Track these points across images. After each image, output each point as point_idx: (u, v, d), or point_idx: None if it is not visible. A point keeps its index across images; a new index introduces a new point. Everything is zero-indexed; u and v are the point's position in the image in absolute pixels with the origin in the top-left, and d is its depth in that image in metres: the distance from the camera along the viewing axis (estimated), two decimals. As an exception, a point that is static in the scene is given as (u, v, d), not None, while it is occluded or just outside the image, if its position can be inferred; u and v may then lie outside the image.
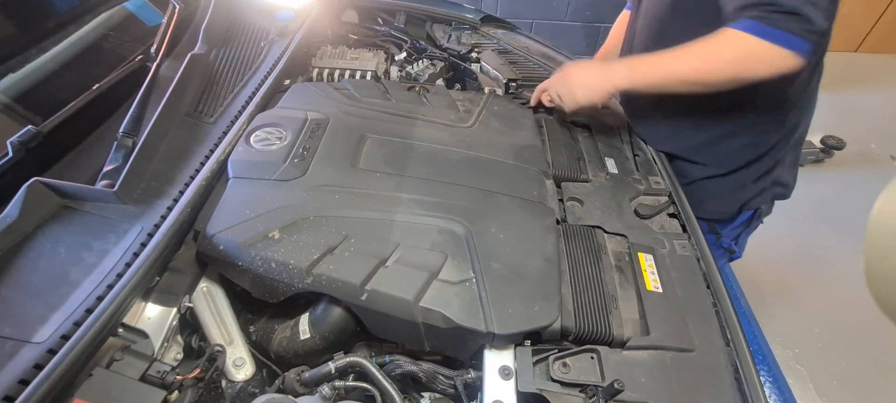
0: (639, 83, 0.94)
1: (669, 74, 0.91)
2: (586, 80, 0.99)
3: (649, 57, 0.94)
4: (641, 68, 0.95)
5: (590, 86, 0.99)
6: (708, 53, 0.87)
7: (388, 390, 0.68)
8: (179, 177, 0.87)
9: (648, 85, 0.94)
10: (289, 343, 0.79)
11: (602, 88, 0.98)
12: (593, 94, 0.99)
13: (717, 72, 0.86)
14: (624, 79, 0.96)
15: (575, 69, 1.01)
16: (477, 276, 0.78)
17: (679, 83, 0.92)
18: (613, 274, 0.87)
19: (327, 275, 0.75)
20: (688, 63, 0.89)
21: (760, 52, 0.80)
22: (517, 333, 0.73)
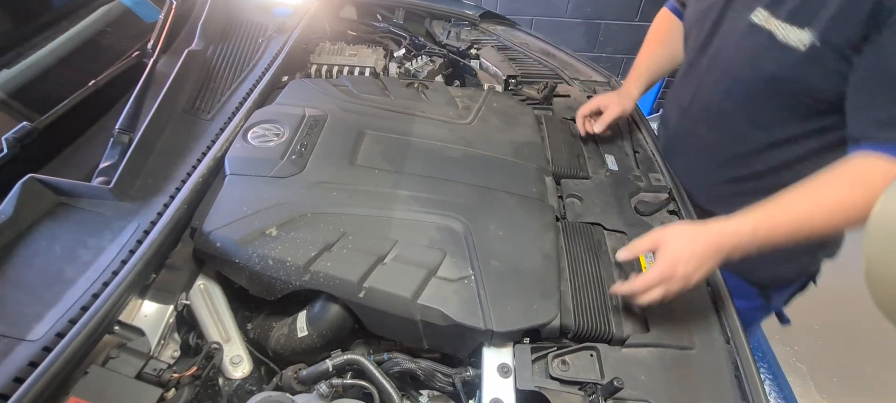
0: (763, 247, 0.71)
1: (802, 234, 0.71)
2: (699, 262, 0.70)
3: (771, 211, 0.72)
4: (767, 231, 0.70)
5: (705, 267, 0.70)
6: (852, 202, 0.69)
7: (386, 388, 0.67)
8: (176, 173, 0.87)
9: (774, 246, 0.72)
10: (286, 341, 0.79)
11: (718, 262, 0.71)
12: (710, 270, 0.72)
13: (861, 220, 0.63)
14: (745, 248, 0.71)
15: (675, 248, 0.70)
16: (476, 274, 0.78)
17: (811, 238, 0.73)
18: (613, 272, 0.86)
19: (325, 273, 0.74)
20: (827, 217, 0.71)
21: None
22: (516, 331, 0.73)
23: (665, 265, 0.69)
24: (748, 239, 0.70)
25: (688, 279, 0.69)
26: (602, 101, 1.14)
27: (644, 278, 0.71)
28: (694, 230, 0.71)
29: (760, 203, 0.72)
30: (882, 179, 0.69)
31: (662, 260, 0.70)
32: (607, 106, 1.12)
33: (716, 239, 0.69)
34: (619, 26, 3.00)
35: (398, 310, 0.72)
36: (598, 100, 1.14)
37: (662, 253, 0.71)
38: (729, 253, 0.70)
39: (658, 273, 0.69)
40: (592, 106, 1.14)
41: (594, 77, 1.48)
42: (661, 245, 0.71)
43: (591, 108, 1.14)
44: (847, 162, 0.75)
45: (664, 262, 0.69)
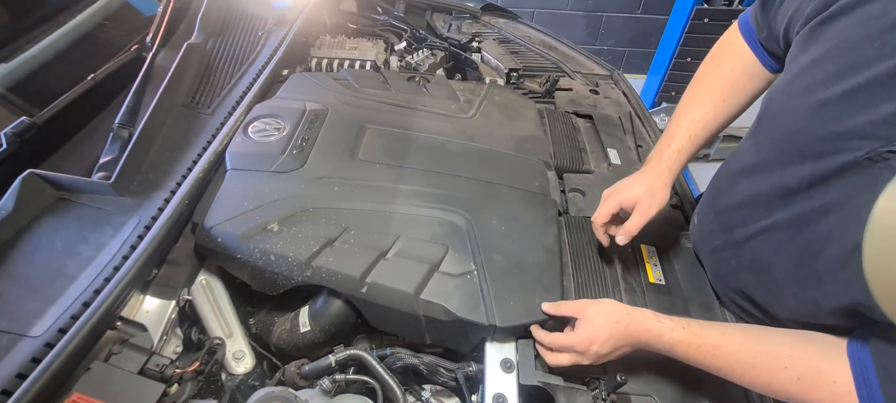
0: (678, 357, 0.64)
1: (723, 376, 0.63)
2: (615, 346, 0.65)
3: (702, 341, 0.62)
4: (685, 355, 0.63)
5: (620, 351, 0.66)
6: (788, 391, 0.58)
7: (389, 382, 0.67)
8: (176, 168, 0.86)
9: (688, 363, 0.64)
10: (289, 336, 0.79)
11: (634, 350, 0.67)
12: (625, 354, 0.67)
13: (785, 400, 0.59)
14: (663, 352, 0.65)
15: (595, 326, 0.65)
16: (478, 268, 0.77)
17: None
18: (616, 266, 0.86)
19: (327, 268, 0.74)
20: (754, 382, 0.61)
21: None
22: (519, 326, 0.73)
23: (581, 339, 0.65)
24: (666, 350, 0.64)
25: (600, 358, 0.65)
26: (625, 197, 0.77)
27: (559, 339, 0.67)
28: (619, 314, 0.65)
29: (700, 324, 0.64)
30: None
31: (580, 333, 0.65)
32: (634, 202, 0.76)
33: (637, 332, 0.64)
34: (621, 19, 2.98)
35: (401, 305, 0.72)
36: (619, 196, 0.77)
37: (581, 326, 0.66)
38: (647, 347, 0.65)
39: (571, 343, 0.65)
40: (612, 207, 0.78)
41: (596, 70, 1.47)
42: (583, 318, 0.66)
43: (611, 211, 0.78)
44: (817, 349, 0.57)
45: (581, 336, 0.65)
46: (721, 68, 0.78)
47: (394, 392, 0.66)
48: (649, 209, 0.75)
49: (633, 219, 0.76)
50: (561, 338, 0.68)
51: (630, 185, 0.78)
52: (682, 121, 0.79)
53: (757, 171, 0.67)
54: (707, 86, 0.79)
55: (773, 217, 0.64)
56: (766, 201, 0.65)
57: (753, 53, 0.75)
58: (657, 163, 0.78)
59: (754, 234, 0.68)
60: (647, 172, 0.78)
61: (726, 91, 0.77)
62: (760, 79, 0.76)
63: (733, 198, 0.74)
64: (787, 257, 0.62)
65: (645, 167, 0.80)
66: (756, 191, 0.67)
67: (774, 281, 0.66)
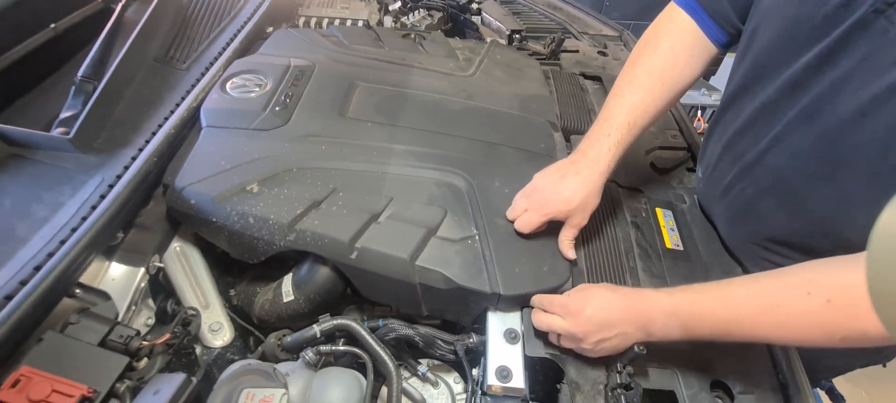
0: (693, 337, 0.57)
1: (739, 336, 0.55)
2: (611, 334, 0.58)
3: (704, 299, 0.56)
4: (688, 319, 0.56)
5: (617, 340, 0.59)
6: (812, 318, 0.50)
7: (380, 354, 0.60)
8: (146, 125, 0.78)
9: (706, 338, 0.57)
10: (271, 307, 0.72)
11: (634, 336, 0.59)
12: (622, 344, 0.59)
13: (828, 340, 0.50)
14: (663, 328, 0.57)
15: (591, 317, 0.58)
16: (480, 233, 0.70)
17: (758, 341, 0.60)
18: (629, 231, 0.79)
19: (312, 232, 0.67)
20: (775, 329, 0.53)
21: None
22: (524, 294, 0.66)
23: (577, 330, 0.58)
24: (664, 320, 0.56)
25: (597, 350, 0.59)
26: (555, 210, 0.68)
27: (556, 325, 0.61)
28: (612, 300, 0.59)
29: (700, 284, 0.57)
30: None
31: (575, 326, 0.58)
32: (566, 216, 0.69)
33: (634, 312, 0.57)
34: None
35: (394, 273, 0.65)
36: (548, 207, 0.68)
37: (576, 319, 0.59)
38: (646, 328, 0.58)
39: (569, 333, 0.59)
40: (539, 220, 0.69)
41: (604, 31, 1.38)
42: (575, 311, 0.59)
43: (537, 225, 0.69)
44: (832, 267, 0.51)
45: (576, 329, 0.58)
46: (659, 47, 0.72)
47: (385, 364, 0.60)
48: (582, 221, 0.69)
49: (566, 235, 0.70)
50: (559, 323, 0.61)
51: (559, 190, 0.68)
52: (619, 105, 0.71)
53: (758, 82, 0.63)
54: (646, 68, 0.71)
55: (784, 119, 0.59)
56: (772, 107, 0.61)
57: (698, 26, 0.71)
58: (595, 161, 0.69)
59: (766, 148, 0.63)
60: (581, 172, 0.69)
61: (666, 72, 0.71)
62: (702, 57, 0.72)
63: (738, 121, 0.68)
64: (805, 157, 0.58)
65: (578, 160, 0.70)
66: (761, 102, 0.63)
67: (796, 191, 0.60)
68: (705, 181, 0.80)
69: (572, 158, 0.72)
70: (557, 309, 0.61)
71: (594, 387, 0.61)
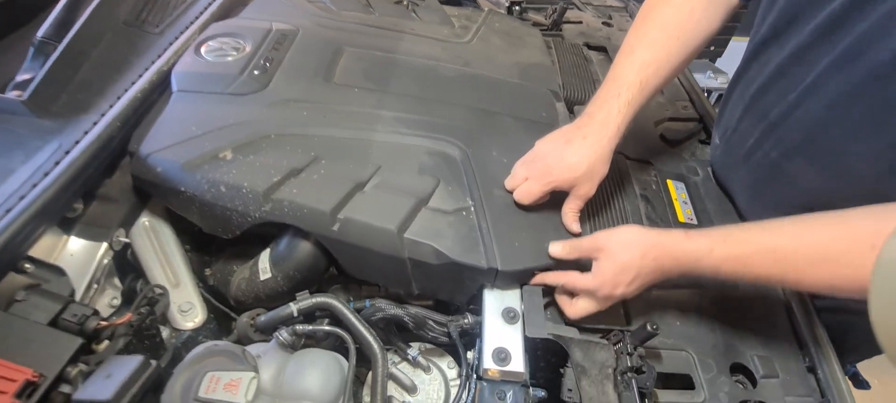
0: (724, 277, 0.53)
1: (776, 282, 0.53)
2: (643, 281, 0.54)
3: (741, 242, 0.51)
4: (721, 262, 0.51)
5: (646, 284, 0.55)
6: (858, 266, 0.43)
7: (363, 335, 0.54)
8: (112, 89, 0.71)
9: (734, 281, 0.54)
10: (248, 286, 0.66)
11: (660, 280, 0.55)
12: (646, 287, 0.55)
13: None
14: (695, 272, 0.53)
15: (621, 262, 0.54)
16: (475, 204, 0.64)
17: (796, 288, 0.57)
18: (639, 205, 0.73)
19: (290, 201, 0.60)
20: (816, 276, 0.48)
21: None
22: (524, 270, 0.60)
23: (603, 281, 0.54)
24: (709, 273, 0.52)
25: (623, 296, 0.55)
26: (559, 179, 0.61)
27: (575, 280, 0.56)
28: (646, 245, 0.54)
29: (743, 228, 0.53)
30: None
31: (601, 275, 0.54)
32: (571, 185, 0.62)
33: (668, 264, 0.53)
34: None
35: (381, 247, 0.59)
36: (551, 176, 0.62)
37: (603, 266, 0.54)
38: (677, 273, 0.54)
39: (592, 287, 0.55)
40: (541, 190, 0.62)
41: (609, 1, 1.31)
42: (603, 256, 0.55)
43: (540, 195, 0.63)
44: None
45: (602, 278, 0.54)
46: (679, 6, 0.64)
47: (370, 346, 0.54)
48: (589, 191, 0.63)
49: (571, 206, 0.63)
50: (578, 280, 0.56)
51: (564, 157, 0.61)
52: (629, 63, 0.64)
53: (790, 27, 0.57)
54: (658, 22, 0.65)
55: (818, 66, 0.54)
56: (804, 54, 0.56)
57: None
58: (603, 125, 0.62)
59: (797, 101, 0.57)
60: (588, 137, 0.62)
61: (681, 26, 0.64)
62: (720, 8, 0.65)
63: (762, 76, 0.62)
64: (844, 105, 0.52)
65: (585, 124, 0.63)
66: (791, 51, 0.57)
67: (833, 146, 0.55)
68: (723, 147, 0.74)
69: (578, 123, 0.65)
70: (584, 291, 0.56)
71: (602, 371, 0.55)
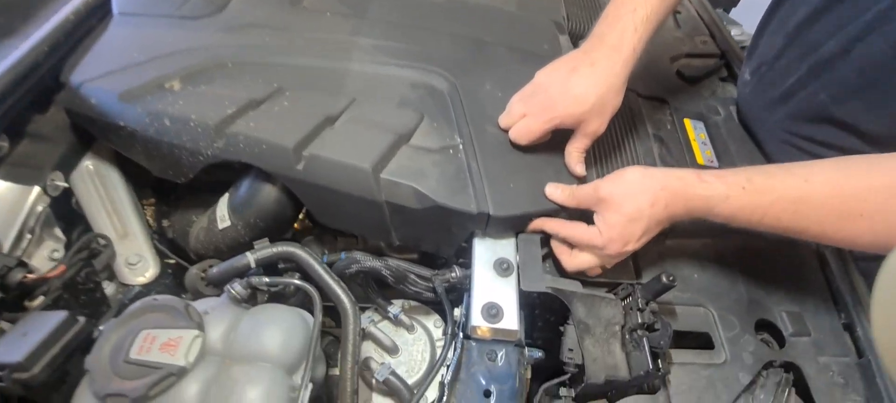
0: (737, 226, 0.46)
1: (797, 232, 0.45)
2: (648, 227, 0.47)
3: (762, 186, 0.44)
4: (739, 208, 0.45)
5: (654, 232, 0.48)
6: None
7: (332, 287, 0.47)
8: (41, 12, 0.61)
9: (751, 228, 0.47)
10: (206, 237, 0.58)
11: (668, 224, 0.48)
12: (643, 241, 0.48)
13: None
14: (710, 215, 0.46)
15: (629, 210, 0.46)
16: (465, 142, 0.55)
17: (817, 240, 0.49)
18: (652, 146, 0.64)
19: (247, 136, 0.51)
20: (877, 243, 0.41)
21: None
22: (520, 216, 0.52)
23: (608, 237, 0.47)
24: (705, 211, 0.46)
25: (632, 252, 0.48)
26: (564, 113, 0.52)
27: (577, 233, 0.49)
28: (653, 192, 0.46)
29: (765, 172, 0.46)
30: None
31: (606, 228, 0.47)
32: (577, 121, 0.53)
33: (678, 211, 0.46)
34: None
35: (353, 188, 0.51)
36: (555, 110, 0.52)
37: (607, 218, 0.47)
38: (688, 219, 0.47)
39: (596, 242, 0.48)
40: (542, 126, 0.53)
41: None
42: (607, 207, 0.48)
43: (542, 132, 0.54)
44: None
45: (608, 233, 0.47)
46: None
47: (339, 298, 0.46)
48: (597, 128, 0.53)
49: (577, 146, 0.55)
50: (583, 235, 0.48)
51: (569, 88, 0.52)
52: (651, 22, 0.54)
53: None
54: None
55: None
56: None
57: None
58: (616, 48, 0.52)
59: (857, 36, 0.49)
60: (597, 63, 0.52)
61: None
62: None
63: (810, 3, 0.54)
64: None
65: (594, 48, 0.53)
66: None
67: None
68: (755, 84, 0.65)
69: (586, 47, 0.56)
70: (586, 245, 0.49)
71: (608, 329, 0.47)
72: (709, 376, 0.46)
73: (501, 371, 0.46)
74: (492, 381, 0.45)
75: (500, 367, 0.46)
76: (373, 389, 0.54)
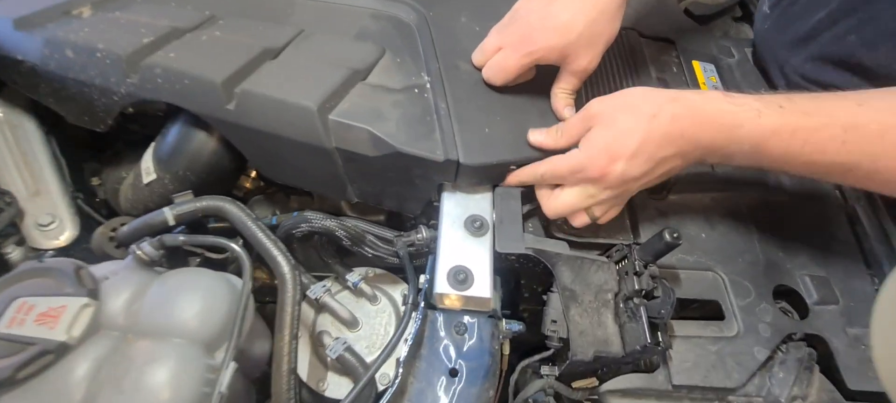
0: (767, 161, 0.37)
1: (851, 173, 0.36)
2: (652, 157, 0.37)
3: (818, 107, 0.36)
4: (794, 138, 0.35)
5: (661, 168, 0.38)
6: None
7: (266, 246, 0.39)
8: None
9: (783, 169, 0.38)
10: (134, 194, 0.50)
11: (683, 162, 0.39)
12: (665, 174, 0.39)
13: None
14: (736, 147, 0.37)
15: (621, 127, 0.37)
16: (433, 80, 0.47)
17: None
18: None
19: (166, 69, 0.43)
20: None
21: None
22: (496, 165, 0.44)
23: (594, 153, 0.38)
24: (749, 150, 0.36)
25: (626, 184, 0.38)
26: (545, 47, 0.43)
27: (557, 163, 0.40)
28: (656, 101, 0.37)
29: (809, 97, 0.36)
30: None
31: (593, 145, 0.38)
32: (561, 55, 0.44)
33: (691, 128, 0.36)
34: None
35: (296, 132, 0.42)
36: (535, 44, 0.43)
37: (596, 134, 0.39)
38: (710, 155, 0.38)
39: (580, 163, 0.38)
40: (521, 62, 0.44)
41: None
42: (599, 119, 0.39)
43: (520, 70, 0.45)
44: None
45: (594, 148, 0.38)
46: None
47: (274, 259, 0.38)
48: (587, 64, 0.44)
49: (563, 86, 0.46)
50: (559, 163, 0.40)
51: (551, 14, 0.43)
52: None
53: None
54: None
55: None
56: None
57: None
58: None
59: None
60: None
61: None
62: None
63: None
64: None
65: None
66: None
67: None
68: (777, 18, 0.56)
69: None
70: (570, 175, 0.40)
71: (599, 297, 0.40)
72: (718, 351, 0.38)
73: (471, 346, 0.39)
74: (460, 357, 0.38)
75: (469, 342, 0.39)
76: (328, 367, 0.47)
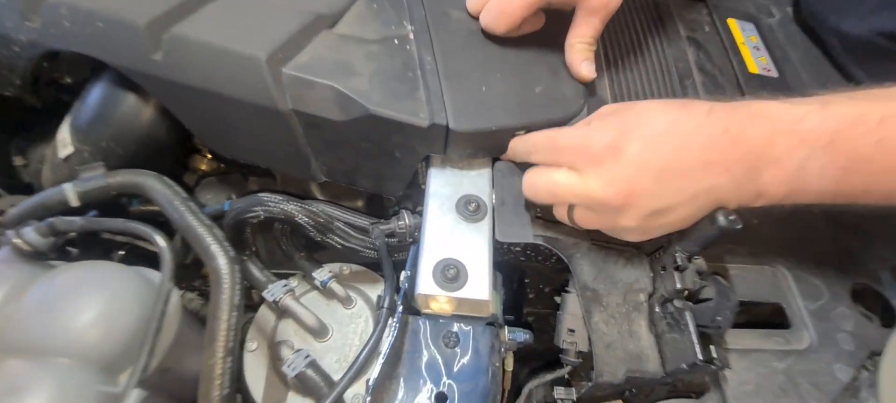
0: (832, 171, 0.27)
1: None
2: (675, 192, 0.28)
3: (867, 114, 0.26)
4: (871, 134, 0.26)
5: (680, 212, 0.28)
6: None
7: (197, 233, 0.30)
8: None
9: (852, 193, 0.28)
10: (52, 172, 0.41)
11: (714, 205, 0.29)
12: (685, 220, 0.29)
13: None
14: (812, 178, 0.27)
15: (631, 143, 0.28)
16: (417, 30, 0.38)
17: None
18: (686, 49, 0.46)
19: (73, 7, 0.33)
20: None
21: None
22: (495, 131, 0.35)
23: (611, 191, 0.28)
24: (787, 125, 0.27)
25: (650, 227, 0.29)
26: None
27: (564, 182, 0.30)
28: (681, 121, 0.28)
29: (870, 96, 0.27)
30: None
31: (607, 181, 0.29)
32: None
33: (740, 111, 0.28)
34: None
35: (241, 90, 0.33)
36: None
37: (608, 167, 0.29)
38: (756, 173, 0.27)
39: (591, 197, 0.29)
40: (529, 3, 0.36)
41: None
42: (605, 149, 0.29)
43: (527, 12, 0.36)
44: None
45: (609, 187, 0.29)
46: None
47: (206, 249, 0.29)
48: (608, 3, 0.36)
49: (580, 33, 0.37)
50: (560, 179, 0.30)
51: None
52: None
53: None
54: None
55: None
56: None
57: None
58: None
59: None
60: None
61: None
62: None
63: None
64: None
65: None
66: None
67: None
68: None
69: None
70: (567, 150, 0.30)
71: (628, 298, 0.31)
72: (786, 369, 0.29)
73: (464, 363, 0.30)
74: (449, 377, 0.29)
75: (462, 357, 0.30)
76: (290, 387, 0.38)
